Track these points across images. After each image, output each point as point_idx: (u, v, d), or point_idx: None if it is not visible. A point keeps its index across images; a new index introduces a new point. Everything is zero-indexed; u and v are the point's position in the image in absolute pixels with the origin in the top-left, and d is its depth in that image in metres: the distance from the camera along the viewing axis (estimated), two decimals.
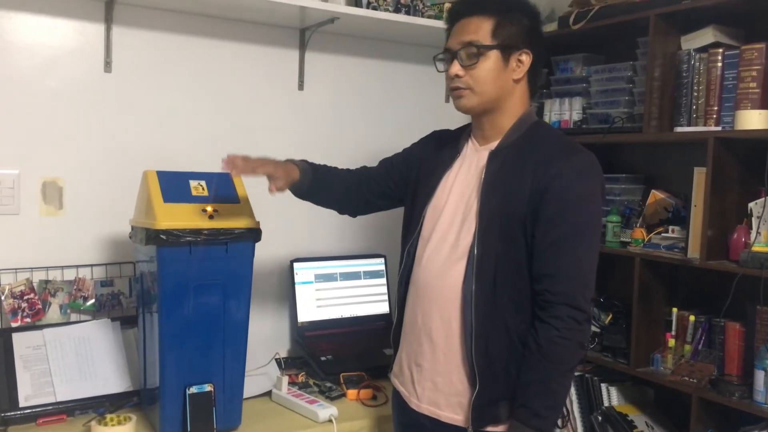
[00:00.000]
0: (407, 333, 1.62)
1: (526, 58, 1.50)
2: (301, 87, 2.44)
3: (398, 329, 1.67)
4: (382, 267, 2.55)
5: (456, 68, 1.50)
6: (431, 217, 1.58)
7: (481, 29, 1.48)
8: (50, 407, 1.81)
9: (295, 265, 2.39)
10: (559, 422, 2.38)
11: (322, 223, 2.50)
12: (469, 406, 1.48)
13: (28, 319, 1.94)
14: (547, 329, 1.41)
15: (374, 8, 2.31)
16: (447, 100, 2.78)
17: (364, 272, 2.50)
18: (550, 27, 2.53)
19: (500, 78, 1.49)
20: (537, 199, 1.42)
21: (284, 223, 2.40)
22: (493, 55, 1.48)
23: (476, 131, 1.60)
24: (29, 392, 1.81)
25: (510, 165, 1.47)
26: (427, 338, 1.55)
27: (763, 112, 1.90)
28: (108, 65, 2.09)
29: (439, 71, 1.58)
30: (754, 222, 1.92)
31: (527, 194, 1.43)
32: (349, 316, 2.44)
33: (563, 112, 2.50)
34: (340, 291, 2.45)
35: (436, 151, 1.67)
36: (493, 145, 1.54)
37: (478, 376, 1.46)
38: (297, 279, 2.38)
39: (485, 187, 1.48)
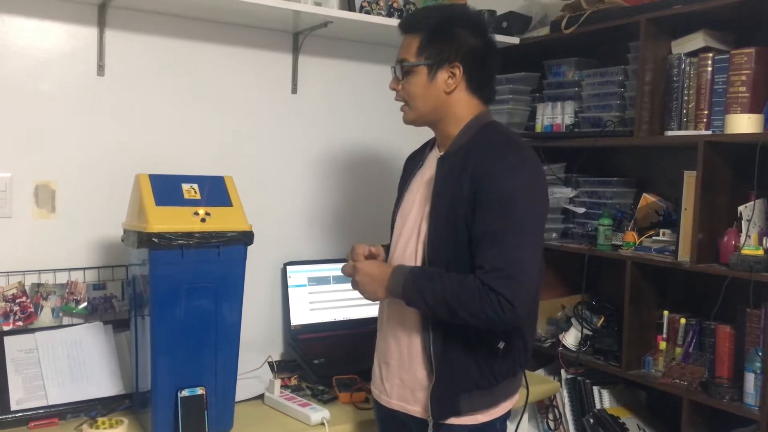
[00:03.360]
0: (379, 336, 1.71)
1: (458, 72, 1.54)
2: (294, 90, 2.44)
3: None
4: None
5: (392, 83, 1.63)
6: (398, 226, 1.67)
7: (410, 47, 1.57)
8: (42, 411, 1.80)
9: (289, 268, 2.39)
10: (552, 424, 2.41)
11: (315, 227, 2.51)
12: (428, 398, 1.54)
13: (20, 323, 1.94)
14: (476, 278, 1.42)
15: (367, 12, 2.32)
16: None
17: None
18: (543, 31, 2.55)
19: (429, 93, 1.56)
20: (473, 199, 1.45)
21: (278, 227, 2.40)
22: (420, 72, 1.56)
23: (436, 139, 1.67)
24: (21, 395, 1.81)
25: (455, 170, 1.51)
26: (392, 336, 1.63)
27: (752, 116, 1.92)
28: (101, 68, 2.09)
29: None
30: (744, 225, 1.93)
31: (467, 196, 1.46)
32: (342, 319, 2.45)
33: (555, 115, 2.51)
34: (333, 294, 2.45)
35: (408, 167, 1.75)
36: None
37: (435, 368, 1.52)
38: (290, 282, 2.38)
39: (434, 193, 1.53)
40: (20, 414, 1.78)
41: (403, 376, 1.60)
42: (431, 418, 1.54)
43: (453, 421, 1.53)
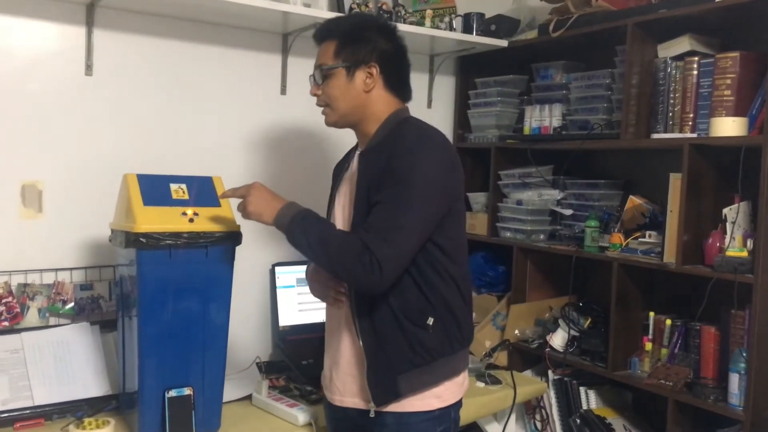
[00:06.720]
0: (327, 341, 1.72)
1: (375, 71, 1.61)
2: (283, 91, 2.45)
3: None
4: None
5: (312, 89, 1.68)
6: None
7: (327, 53, 1.64)
8: (28, 411, 1.79)
9: (277, 269, 2.39)
10: (539, 425, 2.43)
11: None
12: (366, 386, 1.56)
13: (6, 323, 1.93)
14: (357, 236, 1.49)
15: None
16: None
17: None
18: (531, 34, 2.57)
19: (349, 93, 1.62)
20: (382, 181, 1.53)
21: (266, 227, 2.38)
22: (338, 74, 1.62)
23: (358, 141, 1.72)
24: (7, 396, 1.80)
25: (372, 163, 1.58)
26: (336, 336, 1.66)
27: (737, 119, 1.94)
28: (89, 68, 2.09)
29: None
30: (729, 227, 1.95)
31: (379, 184, 1.53)
32: None
33: (543, 118, 2.53)
34: None
35: (336, 173, 1.79)
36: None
37: (366, 354, 1.56)
38: (279, 283, 2.38)
39: (357, 187, 1.60)
40: (6, 415, 1.77)
41: (353, 371, 1.61)
42: (372, 405, 1.55)
43: (393, 407, 1.54)
